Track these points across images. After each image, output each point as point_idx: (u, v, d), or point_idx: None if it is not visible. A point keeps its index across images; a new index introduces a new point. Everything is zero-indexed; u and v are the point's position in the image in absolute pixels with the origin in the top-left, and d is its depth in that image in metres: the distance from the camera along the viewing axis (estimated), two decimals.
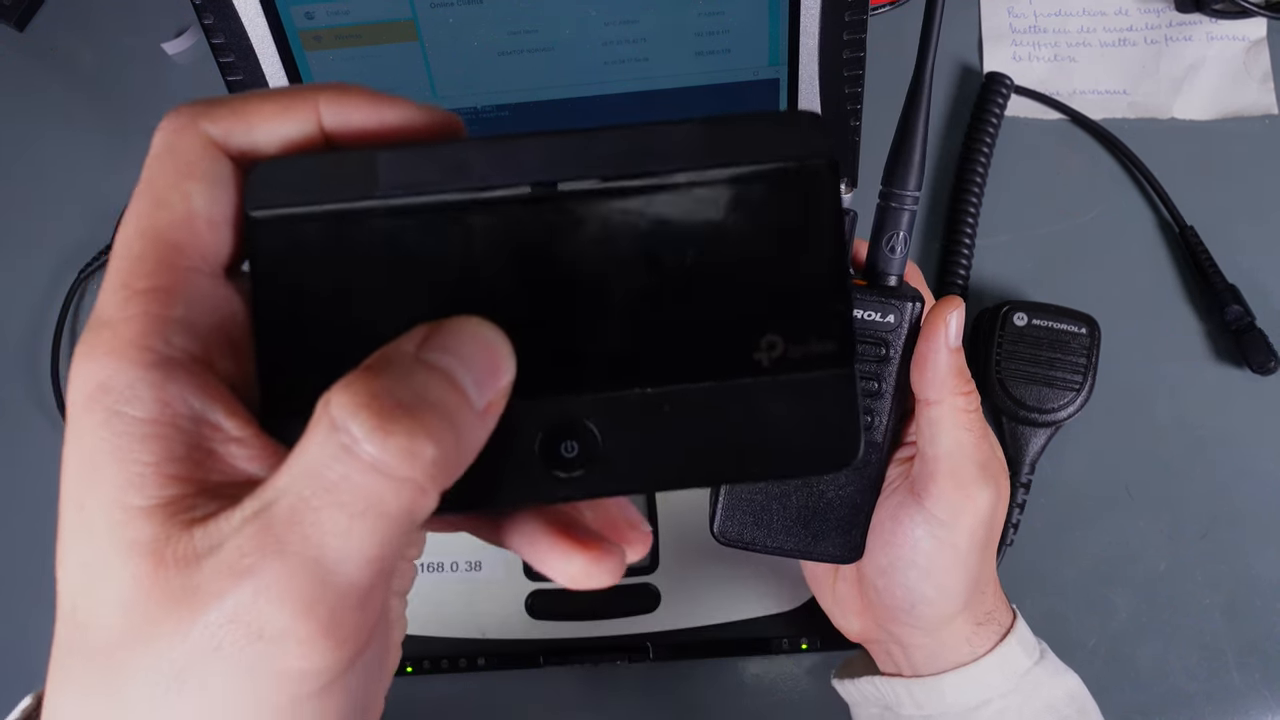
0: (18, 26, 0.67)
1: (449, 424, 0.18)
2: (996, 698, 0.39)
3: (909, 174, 0.36)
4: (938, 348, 0.35)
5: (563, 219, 0.21)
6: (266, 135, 0.21)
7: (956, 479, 0.36)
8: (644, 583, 0.53)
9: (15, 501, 0.58)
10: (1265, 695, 0.53)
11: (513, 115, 0.51)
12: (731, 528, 0.39)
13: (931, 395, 0.36)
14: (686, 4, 0.47)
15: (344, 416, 0.18)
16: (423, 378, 0.19)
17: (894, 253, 0.36)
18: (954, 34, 0.65)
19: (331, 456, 0.18)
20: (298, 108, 0.21)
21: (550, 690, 0.53)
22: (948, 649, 0.40)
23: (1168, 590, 0.55)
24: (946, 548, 0.37)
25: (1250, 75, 0.64)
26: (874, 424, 0.37)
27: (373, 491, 0.18)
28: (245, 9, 0.46)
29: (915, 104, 0.36)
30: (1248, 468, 0.57)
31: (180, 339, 0.19)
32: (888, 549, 0.38)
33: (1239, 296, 0.58)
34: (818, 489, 0.38)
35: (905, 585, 0.38)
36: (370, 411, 0.18)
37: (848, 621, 0.43)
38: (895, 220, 0.36)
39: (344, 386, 0.18)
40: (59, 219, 0.63)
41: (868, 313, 0.36)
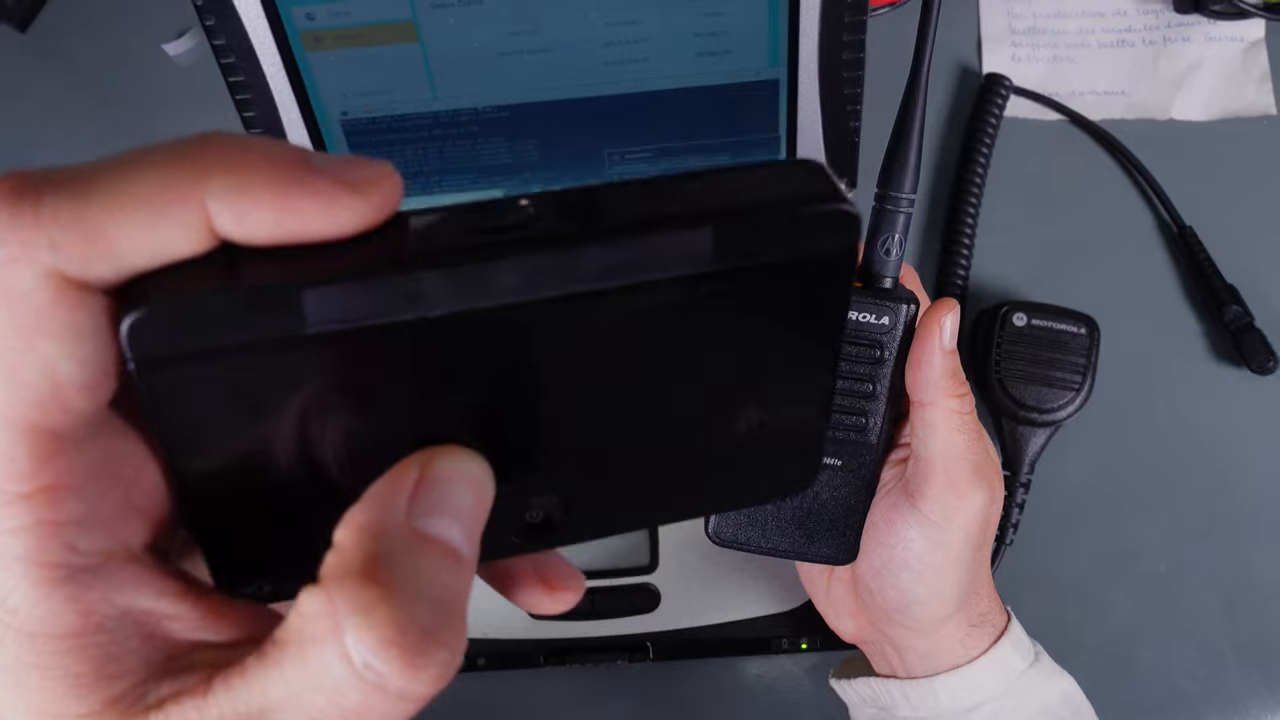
0: (19, 28, 0.67)
1: (462, 614, 0.17)
2: (989, 700, 0.39)
3: (905, 176, 0.36)
4: (932, 350, 0.35)
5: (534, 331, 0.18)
6: (136, 258, 0.15)
7: (950, 481, 0.36)
8: (644, 583, 0.53)
9: None
10: (1265, 695, 0.53)
11: (513, 115, 0.51)
12: (726, 528, 0.39)
13: (926, 397, 0.36)
14: (686, 4, 0.47)
15: (367, 656, 0.15)
16: (429, 567, 0.16)
17: (889, 255, 0.36)
18: (953, 34, 0.66)
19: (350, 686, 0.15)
20: (175, 212, 0.15)
21: (550, 690, 0.53)
22: (942, 651, 0.40)
23: (1168, 590, 0.55)
24: (939, 549, 0.37)
25: (1249, 76, 0.64)
26: (867, 425, 0.37)
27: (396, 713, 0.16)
28: (246, 10, 0.46)
29: (911, 106, 0.36)
30: (1248, 468, 0.57)
31: (86, 541, 0.16)
32: (881, 550, 0.38)
33: (1238, 296, 0.58)
34: (812, 491, 0.38)
35: (898, 587, 0.38)
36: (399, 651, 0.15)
37: (842, 623, 0.43)
38: (891, 222, 0.36)
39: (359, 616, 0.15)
40: None
41: (862, 314, 0.36)
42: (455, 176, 0.53)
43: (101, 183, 0.16)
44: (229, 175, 0.15)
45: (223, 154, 0.15)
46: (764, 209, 0.17)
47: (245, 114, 0.50)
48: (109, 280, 0.15)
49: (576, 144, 0.52)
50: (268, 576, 0.18)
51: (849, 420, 0.37)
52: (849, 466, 0.38)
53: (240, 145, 0.15)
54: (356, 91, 0.49)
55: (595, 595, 0.52)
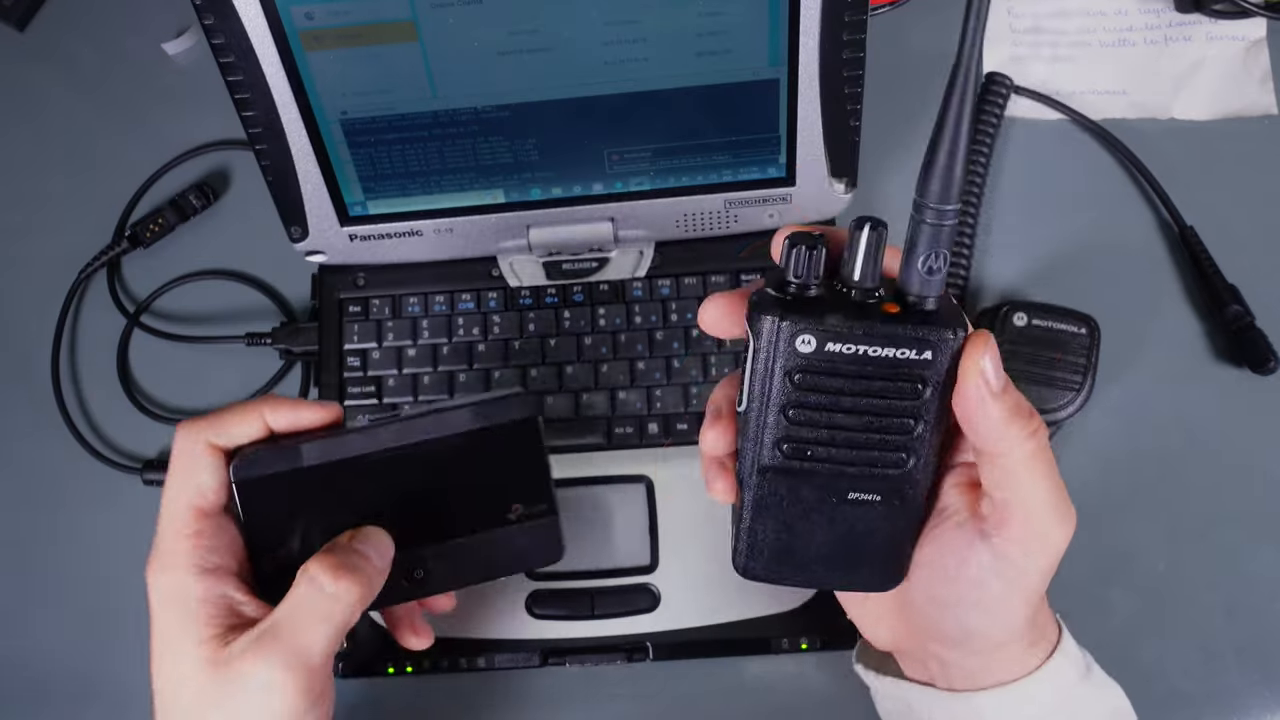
0: (18, 27, 0.67)
1: (366, 577, 0.37)
2: (1040, 716, 0.37)
3: (951, 185, 0.31)
4: (983, 400, 0.31)
5: (405, 465, 0.40)
6: (237, 435, 0.38)
7: (1031, 524, 0.33)
8: (644, 583, 0.53)
9: (15, 500, 0.58)
10: (1265, 695, 0.53)
11: (513, 115, 0.51)
12: (757, 565, 0.36)
13: (996, 449, 0.32)
14: (686, 4, 0.47)
15: (317, 572, 0.36)
16: (354, 555, 0.38)
17: (932, 275, 0.32)
18: (954, 34, 0.65)
19: (310, 595, 0.36)
20: (250, 419, 0.38)
21: (550, 690, 0.53)
22: (993, 669, 0.37)
23: (1168, 590, 0.55)
24: (1018, 590, 0.35)
25: (1250, 75, 0.64)
26: (909, 463, 0.34)
27: (330, 610, 0.36)
28: (245, 9, 0.46)
29: (957, 103, 0.31)
30: (1248, 468, 0.57)
31: (211, 558, 0.37)
32: (947, 585, 0.36)
33: (1239, 296, 0.58)
34: (851, 524, 0.35)
35: (962, 622, 0.36)
36: (330, 569, 0.36)
37: (877, 633, 0.41)
38: (934, 237, 0.31)
39: (316, 560, 0.37)
40: (59, 219, 0.63)
41: (900, 350, 0.32)
42: (455, 176, 0.53)
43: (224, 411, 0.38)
44: (272, 404, 0.39)
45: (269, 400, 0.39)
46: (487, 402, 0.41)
47: (244, 114, 0.49)
48: (227, 446, 0.38)
49: (576, 144, 0.52)
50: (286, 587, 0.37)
51: (888, 457, 0.34)
52: (889, 501, 0.35)
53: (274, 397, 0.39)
54: (356, 91, 0.49)
55: (595, 595, 0.52)
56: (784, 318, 0.32)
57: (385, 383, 0.57)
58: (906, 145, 0.63)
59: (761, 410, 0.33)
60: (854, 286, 0.32)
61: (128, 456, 0.58)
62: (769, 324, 0.32)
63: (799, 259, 0.32)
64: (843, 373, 0.32)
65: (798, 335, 0.32)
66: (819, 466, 0.34)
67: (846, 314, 0.32)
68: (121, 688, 0.55)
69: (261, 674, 0.34)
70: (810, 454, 0.34)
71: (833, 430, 0.33)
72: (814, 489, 0.34)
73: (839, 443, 0.33)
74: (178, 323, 0.61)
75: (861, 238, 0.32)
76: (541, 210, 0.55)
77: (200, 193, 0.62)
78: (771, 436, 0.33)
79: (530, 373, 0.56)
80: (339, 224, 0.55)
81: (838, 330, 0.32)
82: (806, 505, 0.35)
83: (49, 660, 0.55)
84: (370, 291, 0.58)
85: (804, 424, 0.33)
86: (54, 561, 0.57)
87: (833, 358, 0.32)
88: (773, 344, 0.32)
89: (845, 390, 0.33)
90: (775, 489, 0.35)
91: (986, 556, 0.34)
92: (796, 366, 0.32)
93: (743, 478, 0.35)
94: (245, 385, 0.59)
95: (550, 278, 0.58)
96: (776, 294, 0.32)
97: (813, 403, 0.33)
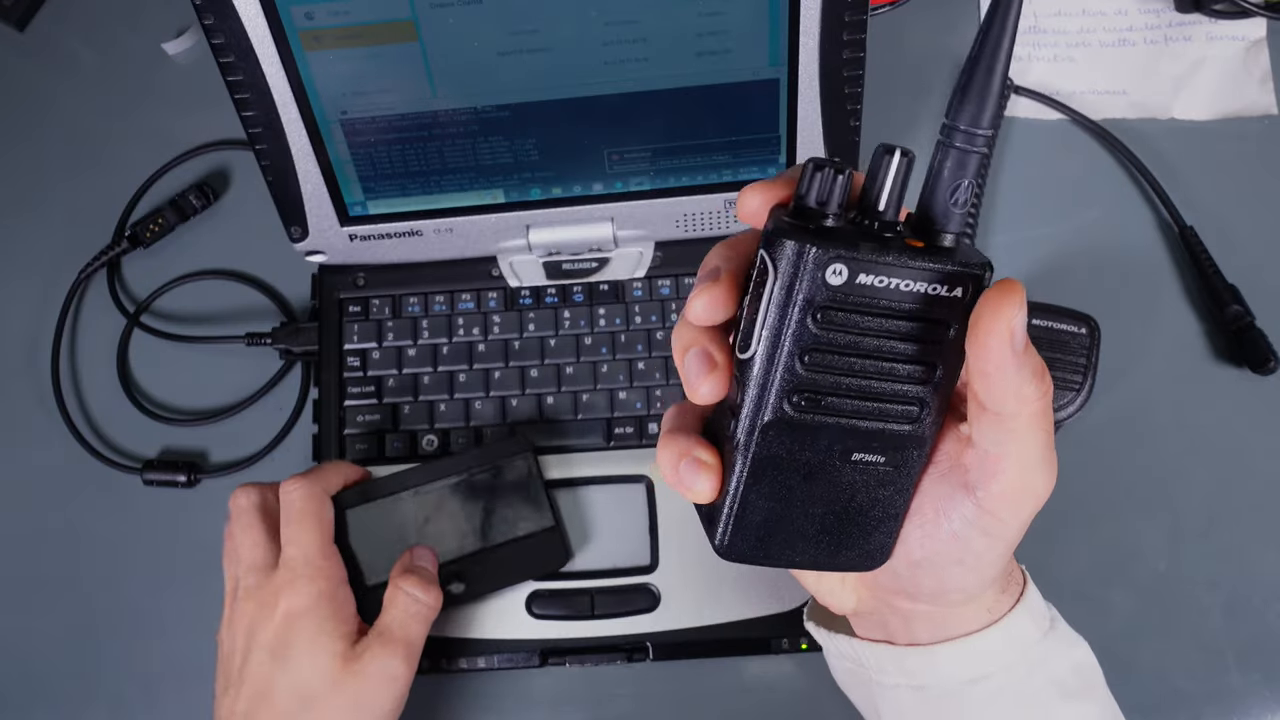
0: (18, 26, 0.67)
1: (438, 584, 0.50)
2: (998, 670, 0.36)
3: (985, 106, 0.28)
4: (1004, 358, 0.28)
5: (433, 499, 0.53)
6: (334, 486, 0.51)
7: (1024, 480, 0.32)
8: (644, 583, 0.53)
9: (15, 500, 0.58)
10: (1265, 695, 0.53)
11: (513, 115, 0.51)
12: (739, 544, 0.33)
13: (1006, 410, 0.30)
14: (686, 4, 0.47)
15: (410, 587, 0.48)
16: (425, 569, 0.50)
17: (958, 206, 0.29)
18: (954, 34, 0.66)
19: (409, 603, 0.48)
20: (342, 474, 0.52)
21: (550, 690, 0.53)
22: (960, 619, 0.36)
23: (1168, 590, 0.55)
24: (1000, 543, 0.33)
25: (1250, 75, 0.64)
26: (921, 417, 0.31)
27: (424, 612, 0.48)
28: (245, 9, 0.46)
29: (1003, 12, 0.27)
30: (1248, 468, 0.57)
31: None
32: (926, 543, 0.34)
33: (1239, 296, 0.58)
34: (850, 490, 0.32)
35: (942, 578, 0.34)
36: (420, 584, 0.49)
37: (839, 599, 0.39)
38: (962, 165, 0.28)
39: (406, 578, 0.49)
40: (60, 219, 0.63)
41: (933, 286, 0.28)
42: (455, 176, 0.53)
43: (324, 468, 0.52)
44: (342, 466, 0.54)
45: (340, 464, 0.54)
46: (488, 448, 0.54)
47: (244, 114, 0.49)
48: (330, 491, 0.51)
49: (576, 144, 0.52)
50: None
51: (899, 410, 0.30)
52: (893, 462, 0.32)
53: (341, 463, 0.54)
54: (356, 91, 0.49)
55: (595, 595, 0.52)
56: (814, 244, 0.27)
57: (385, 383, 0.57)
58: (907, 145, 0.63)
59: (773, 354, 0.29)
60: (877, 218, 0.29)
61: (128, 456, 0.58)
62: (794, 250, 0.28)
63: (824, 181, 0.29)
64: (873, 309, 0.28)
65: (830, 264, 0.27)
66: (829, 421, 0.30)
67: (878, 244, 0.28)
68: (122, 688, 0.55)
69: (388, 665, 0.46)
70: (823, 405, 0.30)
71: (852, 378, 0.29)
72: (819, 449, 0.31)
73: (856, 393, 0.30)
74: (178, 323, 0.61)
75: (892, 163, 0.29)
76: (541, 210, 0.55)
77: (200, 193, 0.62)
78: (783, 385, 0.29)
79: (530, 373, 0.56)
80: (339, 224, 0.55)
81: (873, 259, 0.28)
82: (808, 469, 0.31)
83: (49, 660, 0.55)
84: (370, 291, 0.58)
85: (822, 370, 0.29)
86: (54, 561, 0.57)
87: (865, 291, 0.28)
88: (799, 274, 0.28)
89: (873, 330, 0.29)
90: (776, 450, 0.31)
91: (970, 510, 0.32)
92: (825, 300, 0.28)
93: (738, 440, 0.31)
94: (245, 385, 0.59)
95: (550, 278, 0.58)
96: (797, 221, 0.29)
97: (837, 344, 0.29)
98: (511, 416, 0.56)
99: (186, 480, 0.57)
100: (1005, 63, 0.28)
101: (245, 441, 0.58)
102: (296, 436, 0.58)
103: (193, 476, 0.57)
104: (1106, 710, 0.39)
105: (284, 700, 0.45)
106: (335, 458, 0.56)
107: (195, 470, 0.57)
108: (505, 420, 0.56)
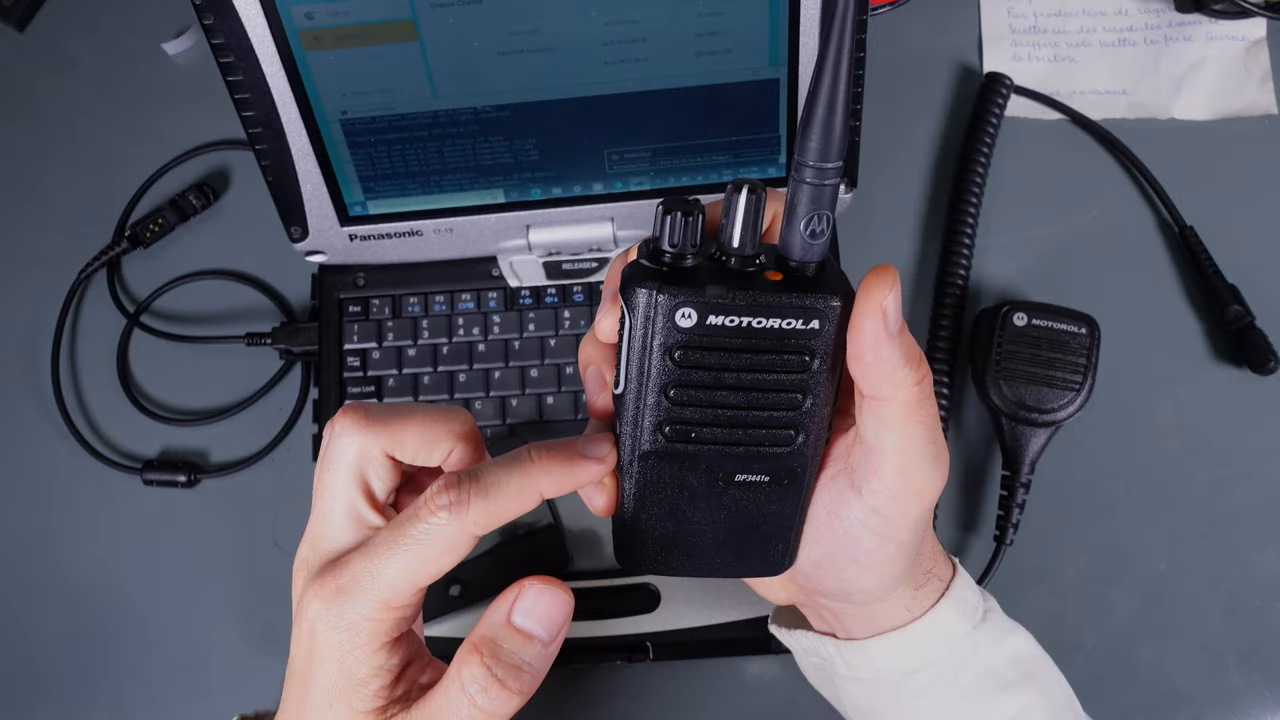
0: (18, 27, 0.67)
1: (532, 676, 0.31)
2: (927, 665, 0.37)
3: (831, 141, 0.28)
4: (877, 340, 0.30)
5: None
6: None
7: (905, 474, 0.32)
8: (644, 583, 0.53)
9: (15, 500, 0.58)
10: (1265, 695, 0.53)
11: (513, 115, 0.51)
12: (640, 557, 0.34)
13: (881, 393, 0.31)
14: (686, 4, 0.47)
15: (471, 684, 0.30)
16: (516, 643, 0.31)
17: (815, 239, 0.30)
18: (954, 34, 0.66)
19: (460, 705, 0.30)
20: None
21: (551, 690, 0.53)
22: (883, 616, 0.37)
23: (1168, 590, 0.55)
24: (890, 544, 0.34)
25: (1250, 75, 0.64)
26: (798, 440, 0.32)
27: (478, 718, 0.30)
28: (245, 9, 0.46)
29: (835, 48, 0.27)
30: (1248, 468, 0.57)
31: None
32: (822, 543, 0.34)
33: (1239, 296, 0.58)
34: (739, 507, 0.33)
35: (841, 578, 0.35)
36: (486, 686, 0.30)
37: (771, 591, 0.39)
38: (816, 199, 0.29)
39: (470, 661, 0.30)
40: (60, 219, 0.63)
41: (786, 321, 0.30)
42: (455, 176, 0.53)
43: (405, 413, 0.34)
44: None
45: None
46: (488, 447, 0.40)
47: (244, 114, 0.49)
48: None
49: (576, 144, 0.52)
50: None
51: (776, 435, 0.32)
52: (778, 480, 0.33)
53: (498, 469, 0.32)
54: (356, 91, 0.49)
55: (595, 595, 0.52)
56: (661, 290, 0.29)
57: (385, 383, 0.57)
58: (907, 145, 0.63)
59: (640, 392, 0.30)
60: (733, 254, 0.30)
61: (128, 456, 0.58)
62: (645, 297, 0.29)
63: (674, 225, 0.29)
64: (727, 347, 0.30)
65: (678, 308, 0.29)
66: (704, 449, 0.32)
67: (728, 284, 0.29)
68: (122, 688, 0.55)
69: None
70: (694, 436, 0.31)
71: (718, 409, 0.31)
72: (699, 473, 0.32)
73: (724, 422, 0.31)
74: (178, 323, 0.61)
75: (740, 200, 0.29)
76: (541, 210, 0.55)
77: (200, 193, 0.62)
78: (652, 419, 0.31)
79: (530, 373, 0.56)
80: (339, 224, 0.55)
81: (720, 301, 0.29)
82: (692, 491, 0.33)
83: (49, 660, 0.55)
84: (370, 291, 0.58)
85: (687, 404, 0.31)
86: (54, 561, 0.57)
87: (716, 331, 0.29)
88: (650, 319, 0.29)
89: (730, 366, 0.30)
90: (658, 475, 0.32)
91: (859, 510, 0.33)
92: (677, 343, 0.29)
93: (622, 465, 0.32)
94: (245, 385, 0.59)
95: (550, 278, 0.58)
96: (651, 265, 0.30)
97: (696, 381, 0.30)
98: (511, 417, 0.56)
99: (186, 480, 0.57)
100: (846, 97, 0.28)
101: (245, 441, 0.58)
102: (296, 436, 0.58)
103: (193, 476, 0.57)
104: (1052, 697, 0.39)
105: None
106: None
107: (195, 470, 0.57)
108: (505, 420, 0.56)
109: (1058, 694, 0.39)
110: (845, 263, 0.58)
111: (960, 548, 0.56)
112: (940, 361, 0.57)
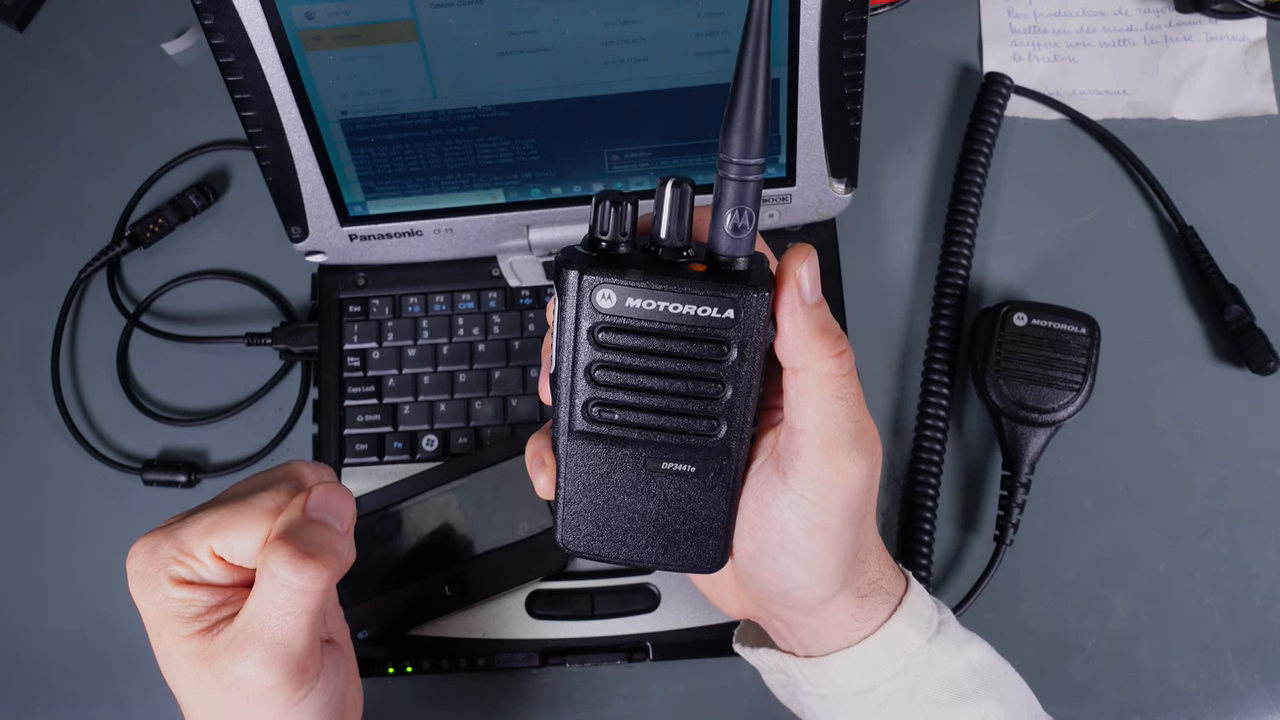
0: (18, 27, 0.67)
1: (332, 554, 0.35)
2: (884, 680, 0.37)
3: (753, 138, 0.30)
4: (794, 308, 0.31)
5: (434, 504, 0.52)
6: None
7: (826, 455, 0.32)
8: (644, 583, 0.53)
9: (15, 500, 0.58)
10: (1265, 695, 0.53)
11: (513, 115, 0.51)
12: (575, 537, 0.35)
13: (796, 363, 0.32)
14: (686, 4, 0.47)
15: (277, 566, 0.34)
16: (313, 532, 0.35)
17: (739, 233, 0.31)
18: (954, 34, 0.66)
19: (273, 590, 0.34)
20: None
21: (550, 690, 0.53)
22: (832, 628, 0.37)
23: (1168, 590, 0.55)
24: (818, 531, 0.34)
25: (1250, 75, 0.64)
26: (719, 430, 0.33)
27: (298, 602, 0.34)
28: (245, 9, 0.46)
29: (752, 48, 0.29)
30: (1248, 468, 0.57)
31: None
32: (755, 533, 0.35)
33: (1239, 296, 0.58)
34: (668, 496, 0.34)
35: (776, 570, 0.35)
36: (290, 561, 0.33)
37: (725, 601, 0.40)
38: (740, 195, 0.30)
39: (275, 550, 0.34)
40: (60, 219, 0.63)
41: (701, 308, 0.31)
42: (455, 176, 0.53)
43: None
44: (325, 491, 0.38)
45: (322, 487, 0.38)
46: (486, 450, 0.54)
47: (244, 114, 0.49)
48: None
49: (576, 144, 0.52)
50: None
51: (698, 425, 0.33)
52: (704, 471, 0.34)
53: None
54: (356, 91, 0.49)
55: (595, 595, 0.52)
56: (585, 271, 0.31)
57: (385, 383, 0.57)
58: (906, 145, 0.63)
59: (570, 372, 0.32)
60: (662, 245, 0.32)
61: (128, 456, 0.59)
62: (571, 278, 0.31)
63: (604, 214, 0.31)
64: (645, 330, 0.31)
65: (597, 289, 0.31)
66: (629, 433, 0.33)
67: (649, 269, 0.31)
68: (122, 688, 0.55)
69: (246, 673, 0.34)
70: (618, 418, 0.33)
71: (639, 394, 0.32)
72: (626, 458, 0.34)
73: (647, 407, 0.33)
74: (178, 323, 0.61)
75: (665, 193, 0.31)
76: (541, 210, 0.55)
77: (200, 193, 0.62)
78: (580, 399, 0.32)
79: (531, 373, 0.56)
80: (339, 224, 0.55)
81: (637, 284, 0.31)
82: (621, 475, 0.34)
83: (49, 659, 0.55)
84: (370, 291, 0.58)
85: (609, 385, 0.32)
86: (54, 561, 0.57)
87: (634, 314, 0.31)
88: (575, 299, 0.31)
89: (648, 350, 0.32)
90: (586, 456, 0.34)
91: (785, 496, 0.33)
92: (598, 324, 0.31)
93: (557, 445, 0.34)
94: (245, 385, 0.59)
95: (550, 278, 0.58)
96: (585, 251, 0.32)
97: (616, 363, 0.32)
98: (511, 417, 0.56)
99: (186, 480, 0.57)
100: (765, 95, 0.30)
101: (245, 441, 0.58)
102: (296, 436, 0.58)
103: (193, 476, 0.57)
104: (1012, 704, 0.39)
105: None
106: (335, 458, 0.56)
107: (195, 470, 0.57)
108: (505, 420, 0.56)
109: (1018, 700, 0.39)
110: (845, 262, 0.58)
111: (960, 548, 0.56)
112: (940, 361, 0.57)
